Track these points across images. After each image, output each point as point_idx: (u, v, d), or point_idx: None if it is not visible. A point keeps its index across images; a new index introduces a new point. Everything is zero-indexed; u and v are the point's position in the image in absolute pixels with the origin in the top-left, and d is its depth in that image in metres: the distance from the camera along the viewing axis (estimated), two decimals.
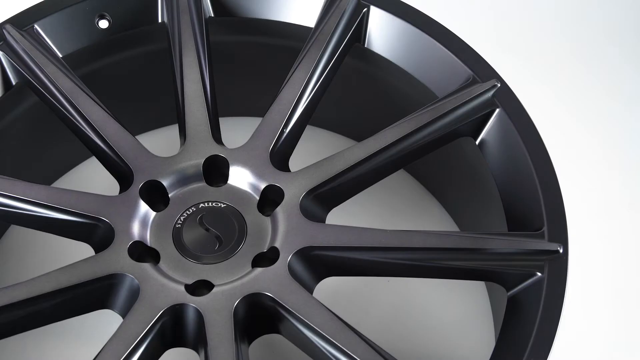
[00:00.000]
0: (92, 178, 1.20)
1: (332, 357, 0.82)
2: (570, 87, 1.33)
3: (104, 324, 1.06)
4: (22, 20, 1.03)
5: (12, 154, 1.09)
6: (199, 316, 0.84)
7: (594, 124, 1.29)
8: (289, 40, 1.11)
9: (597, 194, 1.21)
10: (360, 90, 1.14)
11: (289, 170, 0.96)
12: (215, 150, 0.96)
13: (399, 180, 1.21)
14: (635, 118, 1.29)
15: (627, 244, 1.16)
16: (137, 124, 1.20)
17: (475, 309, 1.09)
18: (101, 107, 0.97)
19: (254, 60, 1.18)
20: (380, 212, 1.17)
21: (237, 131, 1.17)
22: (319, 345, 0.83)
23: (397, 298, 1.10)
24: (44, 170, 1.17)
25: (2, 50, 1.01)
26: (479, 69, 0.99)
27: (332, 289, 1.07)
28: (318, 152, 1.18)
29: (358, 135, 1.23)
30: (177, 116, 1.00)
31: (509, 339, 0.85)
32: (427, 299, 1.10)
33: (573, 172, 1.20)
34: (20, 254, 1.14)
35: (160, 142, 1.23)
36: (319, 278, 0.91)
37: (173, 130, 1.26)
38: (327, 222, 0.94)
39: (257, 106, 1.25)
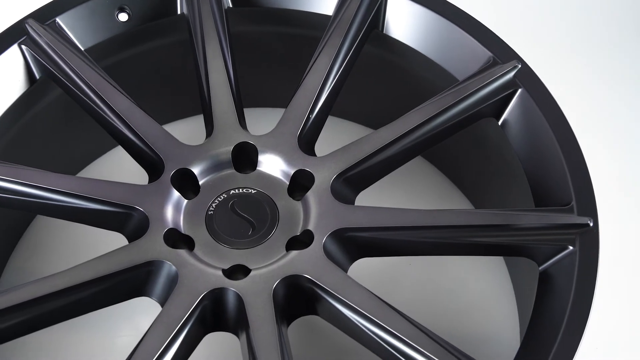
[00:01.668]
0: (112, 171, 1.21)
1: (373, 335, 0.83)
2: (587, 64, 1.36)
3: (122, 318, 1.07)
4: (44, 15, 1.04)
5: (34, 148, 1.09)
6: (239, 299, 0.85)
7: (612, 100, 1.32)
8: (305, 29, 1.12)
9: (620, 169, 1.23)
10: (378, 77, 1.15)
11: (315, 155, 0.97)
12: (243, 137, 0.97)
13: (416, 167, 1.22)
14: None
15: None
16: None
17: (496, 288, 1.11)
18: (127, 98, 0.98)
19: (269, 50, 1.19)
20: (399, 201, 1.18)
21: (250, 122, 1.18)
22: (359, 324, 0.84)
23: (419, 280, 1.12)
24: (63, 164, 1.17)
25: (25, 45, 1.01)
26: (499, 50, 1.01)
27: (355, 273, 1.08)
28: (334, 140, 1.18)
29: (375, 122, 1.24)
30: (201, 105, 1.01)
31: (543, 313, 0.86)
32: (449, 279, 1.12)
33: (595, 148, 1.22)
34: (46, 244, 1.14)
35: (177, 135, 1.24)
36: (352, 259, 0.92)
37: (188, 123, 1.27)
38: None
39: (270, 96, 1.26)
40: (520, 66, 0.99)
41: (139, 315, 1.08)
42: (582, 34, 1.40)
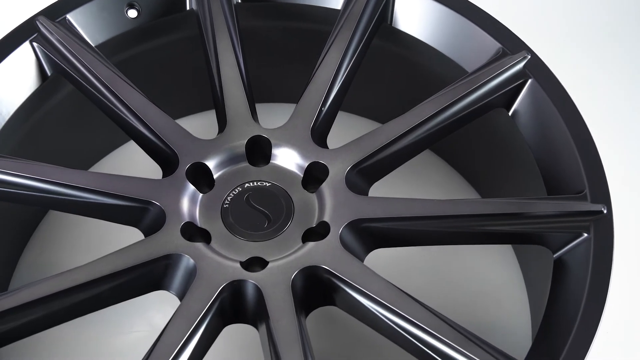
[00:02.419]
0: (122, 166, 1.21)
1: (393, 324, 0.84)
2: (594, 55, 1.37)
3: (137, 313, 1.08)
4: (55, 12, 1.04)
5: (46, 144, 1.09)
6: (258, 291, 0.85)
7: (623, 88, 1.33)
8: (313, 24, 1.13)
9: (631, 157, 1.25)
10: (386, 70, 1.16)
11: (327, 148, 0.98)
12: (257, 130, 0.97)
13: (424, 160, 1.23)
14: None
15: None
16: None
17: (506, 278, 1.12)
18: (140, 93, 0.98)
19: (275, 45, 1.19)
20: (407, 194, 1.19)
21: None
22: (378, 314, 0.84)
23: (429, 272, 1.12)
24: (74, 160, 1.17)
25: (36, 42, 1.02)
26: (508, 41, 1.02)
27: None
28: (342, 135, 1.19)
29: (383, 116, 1.25)
30: (213, 100, 1.01)
31: (559, 300, 0.87)
32: (459, 270, 1.12)
33: (605, 137, 1.23)
34: (59, 239, 1.15)
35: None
36: (368, 250, 0.92)
37: (196, 119, 1.27)
38: None
39: (277, 91, 1.27)
40: (529, 57, 1.00)
41: (151, 310, 1.08)
42: (588, 24, 1.41)
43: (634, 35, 1.40)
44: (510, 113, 1.01)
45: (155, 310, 1.08)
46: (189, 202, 0.93)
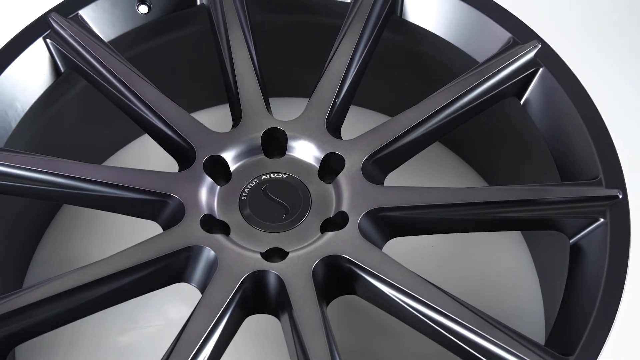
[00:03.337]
0: (134, 161, 1.22)
1: (415, 311, 0.84)
2: (601, 42, 1.39)
3: (152, 307, 1.08)
4: (67, 8, 1.04)
5: (59, 140, 1.10)
6: (279, 281, 0.86)
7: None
8: (320, 17, 1.14)
9: None
10: (396, 62, 1.17)
11: (341, 139, 0.98)
12: (272, 123, 0.98)
13: (431, 152, 1.24)
14: None
15: None
16: None
17: (518, 268, 1.13)
18: (155, 87, 0.99)
19: (280, 39, 1.20)
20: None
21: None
22: (400, 301, 0.85)
23: (442, 261, 1.13)
24: (87, 155, 1.17)
25: (50, 39, 1.02)
26: (518, 31, 1.03)
27: None
28: (350, 127, 1.20)
29: (392, 109, 1.25)
30: (227, 93, 1.02)
31: (577, 285, 0.88)
32: (471, 261, 1.13)
33: (618, 121, 1.25)
34: (72, 236, 1.15)
35: None
36: (386, 239, 0.93)
37: (206, 114, 1.28)
38: None
39: (282, 86, 1.28)
40: (540, 46, 1.00)
41: (166, 304, 1.09)
42: (597, 12, 1.42)
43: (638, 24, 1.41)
44: (522, 102, 1.02)
45: (170, 304, 1.09)
46: (207, 195, 0.93)
